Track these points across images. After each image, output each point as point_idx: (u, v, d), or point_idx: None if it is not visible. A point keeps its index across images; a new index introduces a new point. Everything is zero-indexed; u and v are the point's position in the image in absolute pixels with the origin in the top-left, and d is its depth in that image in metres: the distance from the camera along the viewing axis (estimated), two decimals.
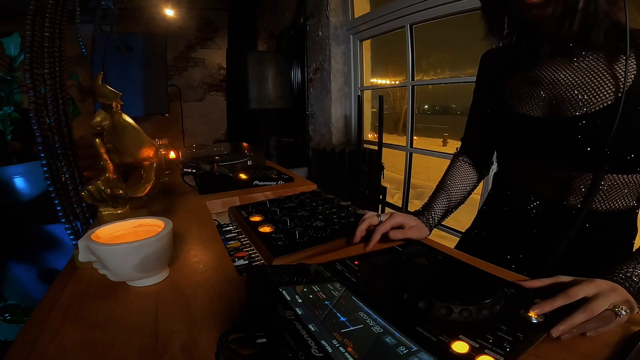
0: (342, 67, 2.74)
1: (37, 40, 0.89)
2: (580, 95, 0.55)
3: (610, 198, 0.58)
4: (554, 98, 0.58)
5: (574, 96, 0.56)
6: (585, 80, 0.55)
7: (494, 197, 0.77)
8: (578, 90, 0.56)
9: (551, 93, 0.59)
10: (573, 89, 0.56)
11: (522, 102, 0.63)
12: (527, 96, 0.62)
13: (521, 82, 0.64)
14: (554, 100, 0.58)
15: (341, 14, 2.68)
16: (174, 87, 4.49)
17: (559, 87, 0.58)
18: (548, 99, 0.59)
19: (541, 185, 0.64)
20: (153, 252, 0.52)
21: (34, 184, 1.50)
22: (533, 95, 0.61)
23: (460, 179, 0.81)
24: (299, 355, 0.30)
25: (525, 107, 0.62)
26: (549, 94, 0.59)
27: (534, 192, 0.65)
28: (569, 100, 0.56)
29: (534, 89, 0.61)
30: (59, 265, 1.56)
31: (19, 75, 1.50)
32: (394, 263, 0.56)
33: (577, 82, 0.56)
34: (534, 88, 0.61)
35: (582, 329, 0.39)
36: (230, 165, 1.24)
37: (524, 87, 0.63)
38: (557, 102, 0.58)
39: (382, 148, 2.27)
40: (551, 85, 0.59)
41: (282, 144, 3.78)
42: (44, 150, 0.88)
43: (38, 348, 0.40)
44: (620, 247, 0.62)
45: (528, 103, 0.62)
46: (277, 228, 0.74)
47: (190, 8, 4.48)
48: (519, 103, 0.64)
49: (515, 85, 0.65)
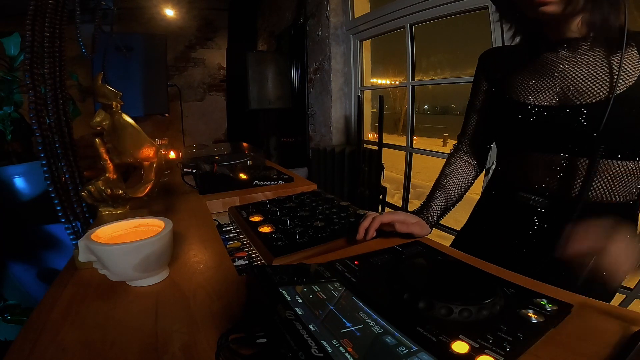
0: (342, 67, 2.74)
1: (37, 40, 0.89)
2: (583, 87, 0.59)
3: (609, 188, 0.60)
4: (560, 88, 0.62)
5: (578, 87, 0.60)
6: (588, 73, 0.59)
7: (494, 195, 0.78)
8: (581, 82, 0.60)
9: (558, 84, 0.62)
10: (577, 80, 0.60)
11: (531, 93, 0.66)
12: (536, 88, 0.65)
13: (528, 76, 0.67)
14: (560, 90, 0.62)
15: (341, 14, 2.67)
16: (174, 87, 4.49)
17: (565, 79, 0.62)
18: (556, 90, 0.63)
19: (545, 178, 0.65)
20: (153, 252, 0.52)
21: (34, 184, 1.49)
22: (542, 86, 0.64)
23: (457, 177, 0.82)
24: (299, 355, 0.30)
25: (534, 98, 0.65)
26: (556, 85, 0.63)
27: (538, 186, 0.66)
28: (574, 90, 0.60)
29: (541, 80, 0.65)
30: (59, 265, 1.56)
31: (19, 75, 1.50)
32: (394, 263, 0.56)
33: (581, 74, 0.60)
34: (542, 80, 0.65)
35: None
36: (230, 165, 1.24)
37: (532, 80, 0.66)
38: (563, 92, 0.62)
39: (382, 148, 2.27)
40: (559, 77, 0.62)
41: (282, 144, 3.77)
42: (44, 150, 0.88)
43: (38, 348, 0.40)
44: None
45: (537, 94, 0.65)
46: (277, 228, 0.74)
47: (190, 8, 4.48)
48: (527, 95, 0.66)
49: (522, 79, 0.68)
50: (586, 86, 0.59)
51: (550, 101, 0.63)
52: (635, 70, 0.56)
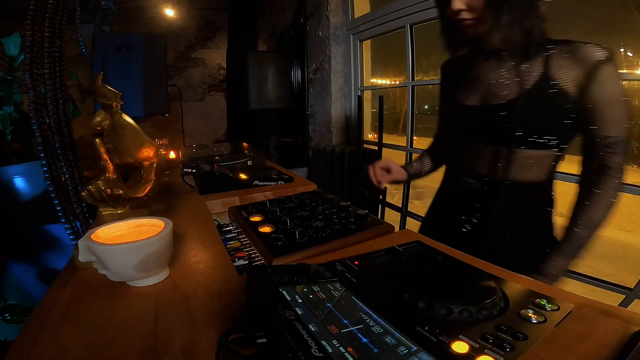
0: (342, 67, 2.74)
1: (37, 40, 0.89)
2: (500, 90, 0.75)
3: (525, 170, 0.75)
4: (486, 92, 0.79)
5: (496, 90, 0.76)
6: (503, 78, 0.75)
7: (446, 181, 0.96)
8: (499, 86, 0.76)
9: (484, 88, 0.79)
10: (496, 85, 0.76)
11: (466, 96, 0.83)
12: (470, 92, 0.82)
13: (466, 83, 0.84)
14: (485, 93, 0.79)
15: (341, 14, 2.67)
16: (174, 87, 4.50)
17: (488, 84, 0.78)
18: (482, 93, 0.79)
19: (478, 164, 0.81)
20: (153, 252, 0.52)
21: (34, 184, 1.49)
22: (474, 90, 0.81)
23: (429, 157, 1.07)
24: (299, 355, 0.30)
25: (468, 101, 0.82)
26: (483, 89, 0.79)
27: (474, 171, 0.83)
28: (494, 93, 0.77)
29: (474, 86, 0.81)
30: (59, 265, 1.56)
31: (19, 75, 1.50)
32: (394, 263, 0.56)
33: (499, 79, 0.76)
34: (474, 85, 0.81)
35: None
36: (230, 165, 1.24)
37: (468, 85, 0.83)
38: (487, 94, 0.78)
39: (382, 148, 2.27)
40: (485, 82, 0.79)
41: (282, 144, 3.77)
42: (44, 150, 0.88)
43: (38, 348, 0.40)
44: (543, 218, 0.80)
45: (470, 97, 0.82)
46: (277, 228, 0.74)
47: (190, 8, 4.48)
48: (463, 98, 0.83)
49: (462, 85, 0.85)
50: (502, 89, 0.75)
51: (478, 102, 0.80)
52: (537, 75, 0.70)
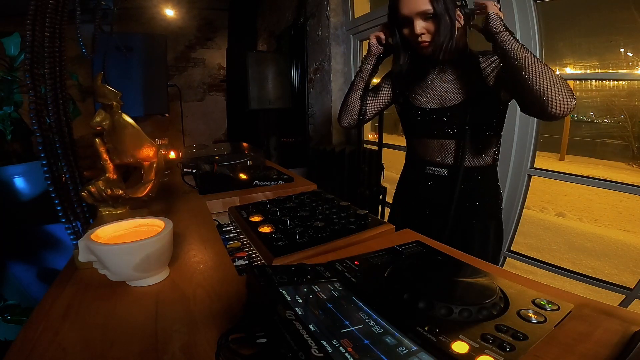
0: (342, 67, 2.74)
1: (37, 40, 0.88)
2: (449, 95, 0.95)
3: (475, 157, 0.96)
4: (438, 96, 0.97)
5: (446, 95, 0.96)
6: (451, 85, 0.96)
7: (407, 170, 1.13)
8: (448, 91, 0.96)
9: (437, 94, 0.98)
10: (446, 90, 0.96)
11: (423, 101, 1.00)
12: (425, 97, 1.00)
13: (421, 89, 1.01)
14: (438, 97, 0.97)
15: (341, 14, 2.67)
16: (174, 87, 4.49)
17: (440, 90, 0.97)
18: (436, 98, 0.98)
19: (437, 154, 1.00)
20: (153, 252, 0.52)
21: (34, 184, 1.49)
22: (429, 96, 0.99)
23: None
24: (299, 355, 0.30)
25: (424, 104, 1.00)
26: (436, 95, 0.98)
27: (433, 160, 1.01)
28: (444, 97, 0.96)
29: (428, 92, 1.00)
30: (59, 265, 1.56)
31: (19, 75, 1.50)
32: (394, 263, 0.56)
33: (448, 86, 0.96)
34: (428, 91, 0.99)
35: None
36: (230, 165, 1.24)
37: (423, 92, 1.00)
38: (439, 99, 0.97)
39: (382, 148, 2.27)
40: (437, 89, 0.98)
41: (282, 144, 3.77)
42: (44, 150, 0.88)
43: (38, 348, 0.40)
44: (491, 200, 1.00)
45: (426, 101, 1.00)
46: (277, 228, 0.74)
47: (190, 8, 4.48)
48: (420, 102, 1.01)
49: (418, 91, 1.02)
50: (450, 94, 0.95)
51: (433, 105, 0.98)
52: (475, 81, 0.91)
